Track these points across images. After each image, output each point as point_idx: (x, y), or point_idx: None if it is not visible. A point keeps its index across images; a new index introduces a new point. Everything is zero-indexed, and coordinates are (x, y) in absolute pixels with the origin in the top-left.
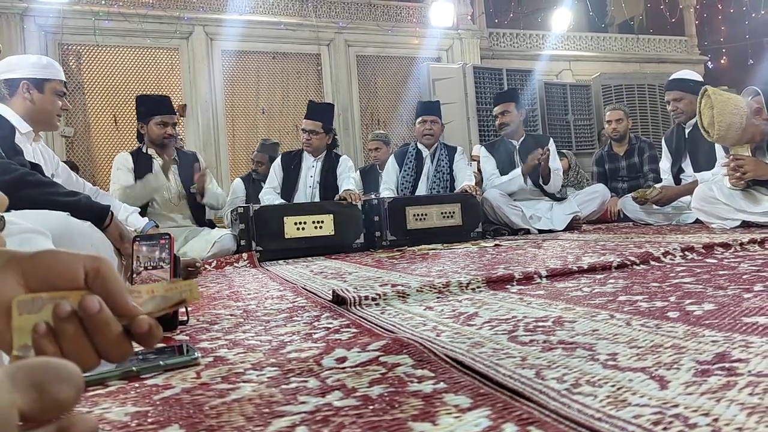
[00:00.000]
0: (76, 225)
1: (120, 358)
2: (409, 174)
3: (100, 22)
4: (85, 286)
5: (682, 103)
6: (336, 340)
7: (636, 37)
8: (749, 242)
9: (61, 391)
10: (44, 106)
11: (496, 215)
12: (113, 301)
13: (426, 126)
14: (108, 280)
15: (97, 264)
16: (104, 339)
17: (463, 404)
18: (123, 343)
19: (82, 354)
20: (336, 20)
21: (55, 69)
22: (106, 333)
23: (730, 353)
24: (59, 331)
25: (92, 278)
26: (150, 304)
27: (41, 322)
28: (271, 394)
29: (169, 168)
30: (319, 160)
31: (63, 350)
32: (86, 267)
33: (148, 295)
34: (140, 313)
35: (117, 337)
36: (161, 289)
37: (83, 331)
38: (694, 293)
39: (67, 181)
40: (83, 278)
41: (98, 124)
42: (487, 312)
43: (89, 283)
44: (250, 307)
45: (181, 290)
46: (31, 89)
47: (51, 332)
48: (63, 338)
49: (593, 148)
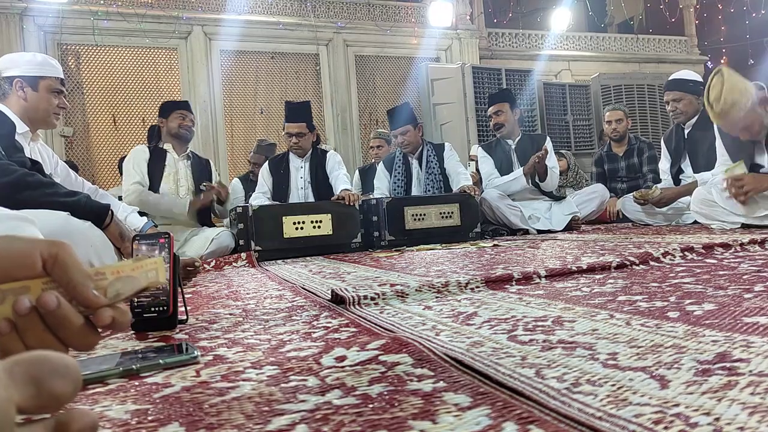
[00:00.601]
0: (77, 225)
1: (87, 348)
2: (400, 180)
3: (98, 21)
4: (45, 274)
5: (682, 103)
6: (335, 339)
7: (635, 37)
8: (749, 242)
9: (59, 386)
10: (39, 104)
11: (495, 215)
12: (73, 291)
13: (398, 140)
14: (67, 267)
15: (55, 250)
16: (67, 332)
17: (462, 403)
18: (87, 334)
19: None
20: (334, 20)
21: (51, 66)
22: (67, 327)
23: (730, 353)
24: (21, 326)
25: (51, 265)
26: (115, 286)
27: (3, 319)
28: (270, 392)
29: (198, 206)
30: (306, 160)
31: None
32: (44, 254)
33: (113, 276)
34: (102, 303)
35: (79, 329)
36: (127, 269)
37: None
38: (694, 293)
39: (65, 181)
40: (41, 266)
41: (97, 124)
42: (486, 311)
43: (48, 270)
44: (249, 307)
45: (147, 270)
46: (25, 87)
47: (14, 328)
48: (25, 334)
49: (592, 149)
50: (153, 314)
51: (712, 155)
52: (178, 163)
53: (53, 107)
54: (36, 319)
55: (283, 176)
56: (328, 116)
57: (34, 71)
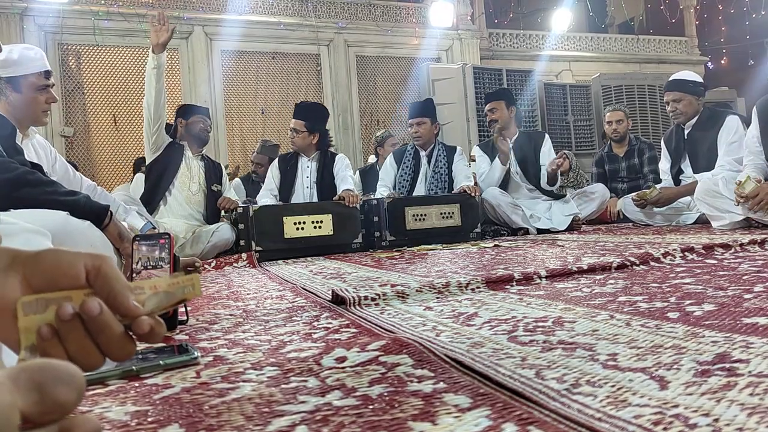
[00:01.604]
0: (76, 224)
1: (123, 357)
2: (407, 174)
3: (99, 22)
4: (87, 285)
5: (681, 103)
6: (335, 340)
7: (636, 38)
8: (749, 243)
9: (63, 393)
10: (23, 105)
11: (496, 214)
12: (114, 301)
13: (413, 129)
14: (109, 278)
15: (98, 263)
16: (106, 339)
17: (462, 404)
18: (125, 343)
19: (87, 354)
20: (335, 20)
21: (30, 59)
22: (108, 334)
23: (730, 354)
24: (63, 332)
25: (94, 277)
26: (153, 300)
27: (44, 325)
28: (270, 393)
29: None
30: (312, 160)
31: (67, 350)
32: (87, 266)
33: (150, 291)
34: (141, 313)
35: (119, 337)
36: (164, 285)
37: (86, 332)
38: (694, 294)
39: (64, 176)
40: (85, 277)
41: (98, 124)
42: (486, 312)
43: (91, 281)
44: (249, 307)
45: (183, 285)
46: (8, 90)
47: (55, 334)
48: (66, 339)
49: (593, 149)
50: None
51: (713, 156)
52: (192, 161)
53: (41, 105)
54: (78, 326)
55: (290, 174)
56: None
57: (12, 71)
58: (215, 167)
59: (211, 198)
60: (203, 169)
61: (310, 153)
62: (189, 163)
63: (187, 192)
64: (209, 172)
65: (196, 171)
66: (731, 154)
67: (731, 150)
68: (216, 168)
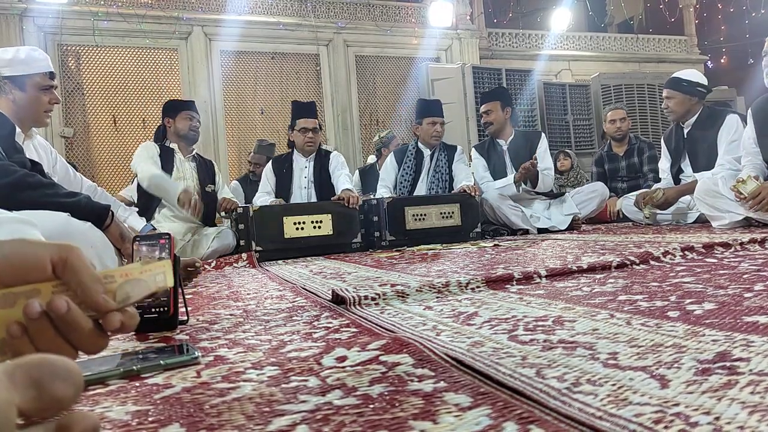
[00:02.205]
0: (77, 225)
1: (96, 351)
2: (409, 173)
3: (98, 22)
4: (55, 277)
5: (672, 101)
6: (336, 340)
7: (635, 37)
8: (749, 242)
9: (60, 389)
10: (28, 105)
11: (496, 215)
12: (83, 294)
13: (436, 128)
14: (77, 270)
15: (65, 254)
16: (76, 336)
17: (463, 403)
18: (96, 338)
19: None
20: (335, 20)
21: (35, 60)
22: (77, 330)
23: (731, 352)
24: (31, 330)
25: (61, 269)
26: (125, 288)
27: (13, 323)
28: (271, 393)
29: (189, 200)
30: (311, 159)
31: (37, 347)
32: (54, 258)
33: (121, 279)
34: (111, 308)
35: (89, 333)
36: (135, 272)
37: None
38: (695, 293)
39: (65, 177)
40: (51, 269)
41: (97, 125)
42: (486, 311)
43: (58, 273)
44: (249, 307)
45: (155, 273)
46: (13, 89)
47: (24, 331)
48: (36, 337)
49: (592, 148)
50: (154, 315)
51: (712, 155)
52: (184, 164)
53: (44, 105)
54: (46, 323)
55: (286, 175)
56: (329, 116)
57: (18, 70)
58: (207, 166)
59: (206, 199)
60: (195, 170)
61: (315, 150)
62: (180, 167)
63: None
64: (202, 173)
65: (189, 174)
66: (731, 153)
67: (731, 149)
68: (208, 167)
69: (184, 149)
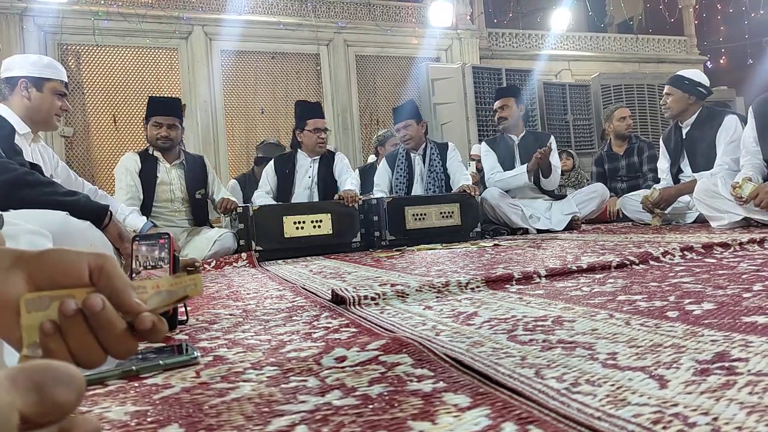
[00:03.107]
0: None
1: (125, 354)
2: (402, 176)
3: (99, 22)
4: (90, 284)
5: (671, 98)
6: (335, 340)
7: (635, 37)
8: (748, 242)
9: (62, 394)
10: (42, 105)
11: (496, 214)
12: (117, 298)
13: (401, 133)
14: (112, 277)
15: (101, 261)
16: (109, 336)
17: (462, 403)
18: (127, 340)
19: (89, 350)
20: (335, 20)
21: (56, 69)
22: (110, 330)
23: (729, 352)
24: (65, 328)
25: (97, 275)
26: (155, 300)
27: (48, 320)
28: (270, 393)
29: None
30: (316, 160)
31: (69, 347)
32: (91, 265)
33: (153, 290)
34: (143, 310)
35: (121, 333)
36: (166, 284)
37: (88, 328)
38: (694, 293)
39: (66, 181)
40: (88, 276)
41: (97, 125)
42: (486, 311)
43: (94, 280)
44: (249, 307)
45: (185, 285)
46: (30, 87)
47: (57, 330)
48: (69, 336)
49: (592, 148)
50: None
51: (711, 155)
52: (170, 172)
53: (56, 109)
54: (80, 322)
55: (288, 176)
56: (329, 116)
57: (40, 72)
58: (197, 169)
59: (195, 205)
60: (183, 177)
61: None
62: (166, 175)
63: (169, 204)
64: (191, 179)
65: (176, 182)
66: (730, 154)
67: (730, 150)
68: (198, 169)
69: (167, 156)
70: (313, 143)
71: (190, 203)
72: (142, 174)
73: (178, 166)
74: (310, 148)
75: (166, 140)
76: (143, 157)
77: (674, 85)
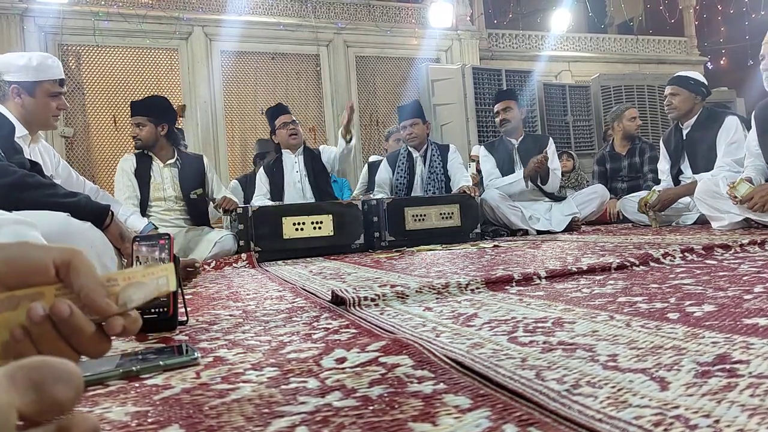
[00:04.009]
0: (77, 226)
1: (98, 355)
2: (403, 177)
3: (99, 22)
4: (58, 280)
5: (677, 98)
6: (335, 341)
7: (635, 38)
8: (749, 243)
9: (60, 392)
10: (36, 110)
11: (495, 215)
12: (86, 298)
13: (407, 131)
14: (80, 274)
15: (68, 257)
16: (79, 340)
17: (463, 405)
18: (98, 342)
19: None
20: (335, 21)
21: (48, 67)
22: (79, 334)
23: (730, 354)
24: (34, 333)
25: (64, 272)
26: (127, 292)
27: (16, 327)
28: (270, 394)
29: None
30: (299, 154)
31: (40, 350)
32: (56, 261)
33: (124, 282)
34: (113, 312)
35: (91, 336)
36: (138, 275)
37: (58, 333)
38: (694, 294)
39: (67, 181)
40: (54, 272)
41: (98, 125)
42: (486, 313)
43: (61, 276)
44: (249, 308)
45: (158, 276)
46: (22, 94)
47: (27, 334)
48: (38, 341)
49: (592, 149)
50: (153, 315)
51: (712, 156)
52: (163, 171)
53: (52, 110)
54: (49, 327)
55: (277, 175)
56: (329, 117)
57: (30, 76)
58: (194, 169)
59: (191, 205)
60: (177, 177)
61: (300, 145)
62: (159, 175)
63: (164, 203)
64: (185, 179)
65: (169, 182)
66: (730, 155)
67: (730, 151)
68: (195, 170)
69: (161, 155)
70: (285, 138)
71: (185, 203)
72: (137, 173)
73: (171, 165)
74: (286, 143)
75: (136, 139)
76: (138, 157)
77: (680, 84)
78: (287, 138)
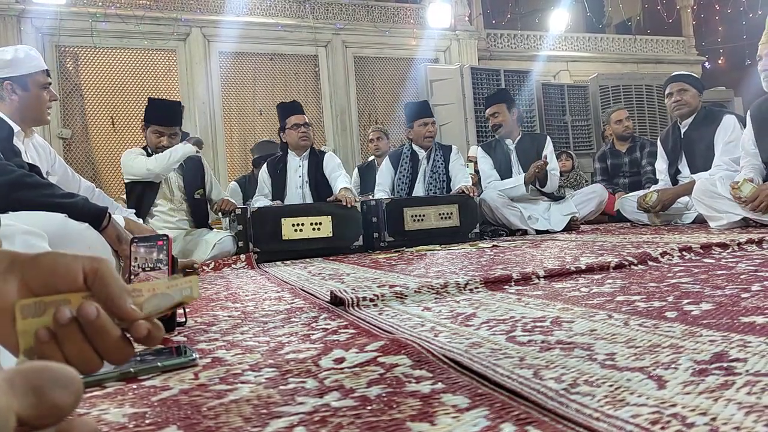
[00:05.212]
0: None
1: (121, 361)
2: (405, 176)
3: (97, 23)
4: (85, 288)
5: (688, 94)
6: (334, 341)
7: (633, 38)
8: (747, 242)
9: (60, 396)
10: (31, 103)
11: (494, 216)
12: (112, 304)
13: (428, 128)
14: (107, 281)
15: (96, 265)
16: (104, 343)
17: (461, 404)
18: (123, 346)
19: (84, 357)
20: (333, 21)
21: (34, 59)
22: (105, 337)
23: (727, 353)
24: (60, 336)
25: (91, 280)
26: (151, 303)
27: (42, 328)
28: (269, 394)
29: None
30: (304, 158)
31: (65, 354)
32: (85, 269)
33: (148, 293)
34: (138, 317)
35: (116, 340)
36: (162, 287)
37: (83, 335)
38: (692, 293)
39: (63, 177)
40: (82, 280)
41: (95, 126)
42: (485, 312)
43: (89, 284)
44: (248, 309)
45: (181, 288)
46: (16, 89)
47: (53, 337)
48: (64, 343)
49: (591, 149)
50: None
51: (710, 155)
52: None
53: (45, 102)
54: (75, 329)
55: (280, 176)
56: (327, 117)
57: (21, 70)
58: (195, 169)
59: (194, 205)
60: (181, 178)
61: (309, 147)
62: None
63: (169, 205)
64: (189, 180)
65: (175, 183)
66: (728, 154)
67: (728, 150)
68: (196, 170)
69: None
70: (295, 139)
71: (189, 203)
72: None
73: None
74: (294, 144)
75: (158, 148)
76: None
77: (687, 81)
78: (297, 140)
